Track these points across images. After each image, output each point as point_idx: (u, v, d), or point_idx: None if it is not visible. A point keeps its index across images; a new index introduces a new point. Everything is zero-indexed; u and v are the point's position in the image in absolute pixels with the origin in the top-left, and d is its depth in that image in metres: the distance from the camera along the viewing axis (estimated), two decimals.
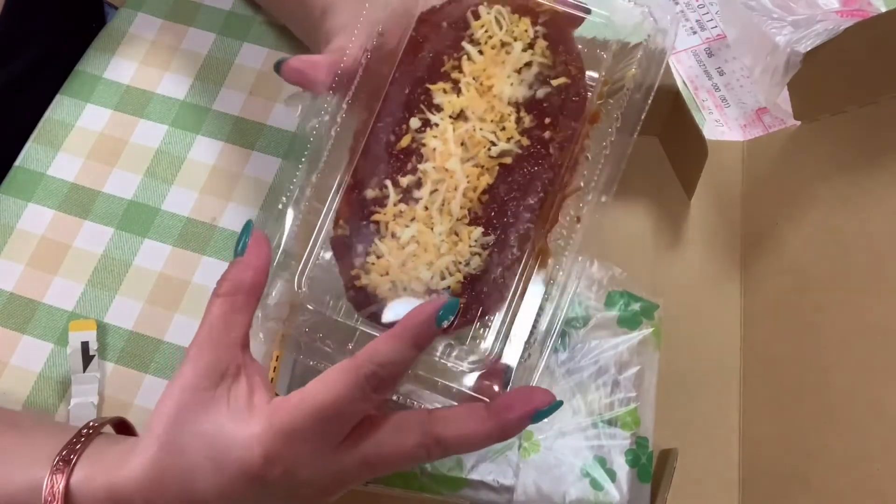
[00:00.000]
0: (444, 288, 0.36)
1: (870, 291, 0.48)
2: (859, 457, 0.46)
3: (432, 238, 0.37)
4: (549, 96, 0.39)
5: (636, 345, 0.53)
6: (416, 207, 0.37)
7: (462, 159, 0.37)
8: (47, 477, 0.37)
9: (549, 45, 0.39)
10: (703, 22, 0.70)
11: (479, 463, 0.51)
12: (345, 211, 0.38)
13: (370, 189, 0.38)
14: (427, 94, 0.39)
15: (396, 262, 0.37)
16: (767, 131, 0.65)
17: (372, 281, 0.37)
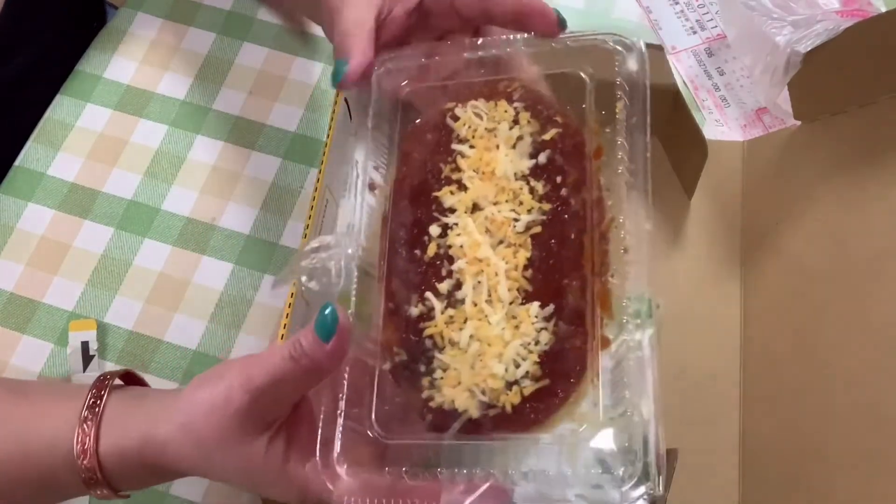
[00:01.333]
0: (522, 376, 0.34)
1: (870, 291, 0.48)
2: (859, 457, 0.46)
3: (492, 330, 0.35)
4: (550, 156, 0.39)
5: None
6: (464, 308, 0.36)
7: (492, 245, 0.37)
8: (75, 439, 0.38)
9: (531, 114, 0.40)
10: (703, 22, 0.70)
11: None
12: (393, 337, 0.37)
13: (413, 307, 0.37)
14: (436, 201, 0.38)
15: (465, 367, 0.35)
16: (767, 131, 0.65)
17: (447, 396, 0.35)
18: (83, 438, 0.38)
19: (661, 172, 0.62)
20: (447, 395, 0.34)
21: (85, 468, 0.38)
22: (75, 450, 0.38)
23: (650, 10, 0.71)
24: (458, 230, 0.37)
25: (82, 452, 0.38)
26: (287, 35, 0.69)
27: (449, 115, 0.41)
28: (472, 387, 0.34)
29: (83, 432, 0.38)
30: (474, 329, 0.35)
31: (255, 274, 0.60)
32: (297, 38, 0.69)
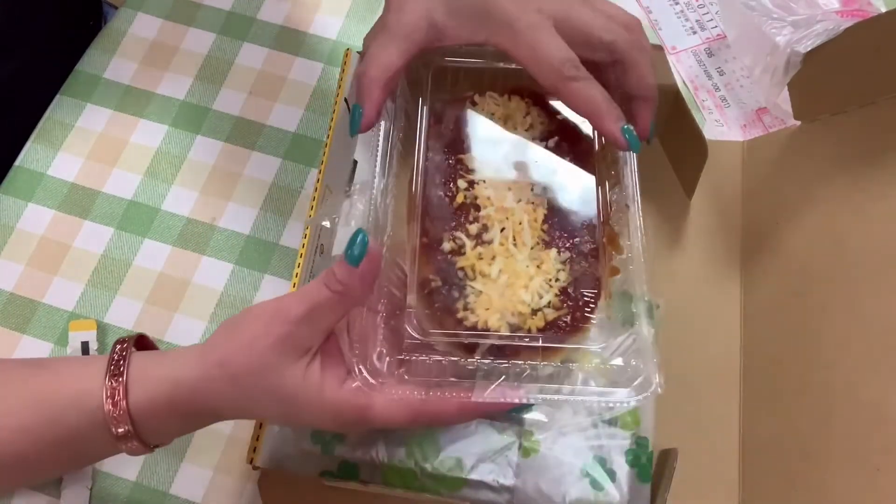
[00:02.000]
0: (545, 304, 0.40)
1: (870, 291, 0.48)
2: (859, 457, 0.46)
3: (518, 265, 0.41)
4: (557, 141, 0.46)
5: None
6: (492, 247, 0.42)
7: (515, 200, 0.43)
8: (104, 397, 0.39)
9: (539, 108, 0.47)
10: (703, 22, 0.70)
11: (479, 463, 0.51)
12: (428, 267, 0.42)
13: (446, 243, 0.42)
14: (461, 162, 0.45)
15: (496, 294, 0.40)
16: (767, 131, 0.65)
17: (480, 317, 0.40)
18: (112, 392, 0.39)
19: (661, 172, 0.62)
20: (480, 315, 0.40)
21: (115, 421, 0.39)
22: (105, 405, 0.39)
23: (650, 10, 0.71)
24: (484, 185, 0.43)
25: (113, 406, 0.39)
26: (287, 35, 0.69)
27: (469, 101, 0.47)
28: (502, 310, 0.40)
29: (111, 386, 0.39)
30: (503, 264, 0.41)
31: (255, 274, 0.60)
32: (296, 39, 0.69)
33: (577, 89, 0.43)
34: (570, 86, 0.43)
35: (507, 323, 0.40)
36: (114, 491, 0.54)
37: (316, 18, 0.70)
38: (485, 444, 0.51)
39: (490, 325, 0.40)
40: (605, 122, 0.44)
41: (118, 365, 0.40)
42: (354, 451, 0.51)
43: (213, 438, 0.56)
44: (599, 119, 0.44)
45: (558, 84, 0.43)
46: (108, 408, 0.39)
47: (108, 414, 0.39)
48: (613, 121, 0.44)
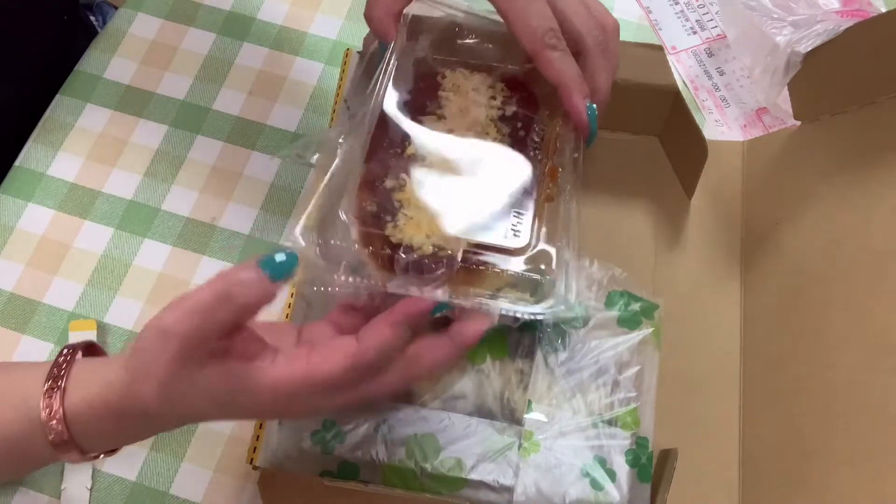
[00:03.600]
0: None
1: (870, 291, 0.48)
2: (859, 457, 0.46)
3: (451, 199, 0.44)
4: (514, 110, 0.49)
5: (636, 345, 0.53)
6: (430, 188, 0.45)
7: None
8: (42, 401, 0.38)
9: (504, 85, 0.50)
10: (703, 22, 0.70)
11: (479, 463, 0.51)
12: (368, 195, 0.45)
13: (389, 180, 0.45)
14: (418, 122, 0.48)
15: (426, 218, 0.43)
16: (767, 131, 0.65)
17: (406, 234, 0.43)
18: (49, 396, 0.38)
19: (661, 172, 0.62)
20: (406, 233, 0.43)
21: (50, 427, 0.38)
22: (41, 411, 0.38)
23: (650, 10, 0.71)
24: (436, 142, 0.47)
25: (48, 411, 0.38)
26: (287, 35, 0.69)
27: (439, 76, 0.51)
28: (428, 232, 0.43)
29: (49, 390, 0.38)
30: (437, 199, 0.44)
31: None
32: (296, 39, 0.69)
33: (554, 58, 0.46)
34: (547, 53, 0.46)
35: (432, 245, 0.42)
36: (114, 491, 0.54)
37: (316, 18, 0.70)
38: (485, 445, 0.51)
39: (414, 243, 0.42)
40: (572, 95, 0.46)
41: (59, 369, 0.39)
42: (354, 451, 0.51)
43: (213, 438, 0.56)
44: (568, 90, 0.46)
45: (538, 48, 0.46)
46: (44, 414, 0.38)
47: (44, 420, 0.38)
48: (580, 96, 0.46)
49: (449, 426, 0.52)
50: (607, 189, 0.62)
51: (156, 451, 0.55)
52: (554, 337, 0.53)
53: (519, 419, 0.52)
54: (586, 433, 0.51)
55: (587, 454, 0.51)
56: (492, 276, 0.43)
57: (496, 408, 0.52)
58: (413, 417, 0.52)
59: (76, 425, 0.38)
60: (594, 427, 0.51)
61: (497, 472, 0.50)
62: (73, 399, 0.38)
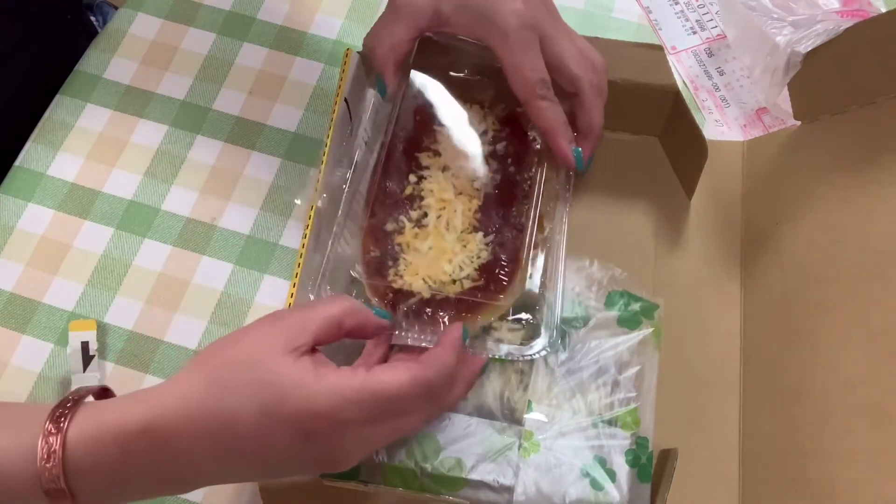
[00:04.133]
0: (464, 276, 0.48)
1: (870, 291, 0.48)
2: (859, 457, 0.46)
3: (447, 244, 0.49)
4: (505, 147, 0.53)
5: (636, 345, 0.53)
6: (427, 229, 0.49)
7: (455, 194, 0.51)
8: (40, 441, 0.35)
9: (495, 119, 0.54)
10: (703, 22, 0.70)
11: (480, 463, 0.51)
12: (371, 242, 0.49)
13: (389, 224, 0.50)
14: (416, 160, 0.52)
15: (423, 264, 0.48)
16: (767, 131, 0.65)
17: (406, 280, 0.47)
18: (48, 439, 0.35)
19: (661, 172, 0.62)
20: (407, 279, 0.47)
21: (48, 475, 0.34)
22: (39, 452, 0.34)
23: (650, 10, 0.71)
24: (431, 180, 0.51)
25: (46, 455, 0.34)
26: (287, 35, 0.69)
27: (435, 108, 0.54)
28: (426, 277, 0.47)
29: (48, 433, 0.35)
30: (433, 242, 0.48)
31: (255, 274, 0.60)
32: (296, 39, 0.69)
33: (543, 108, 0.50)
34: (538, 103, 0.50)
35: (429, 287, 0.47)
36: None
37: (316, 18, 0.70)
38: (485, 445, 0.51)
39: (414, 287, 0.47)
40: (559, 141, 0.51)
41: (65, 406, 0.36)
42: None
43: None
44: (555, 137, 0.51)
45: (529, 98, 0.50)
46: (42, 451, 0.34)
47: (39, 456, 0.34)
48: (566, 141, 0.51)
49: (449, 426, 0.52)
50: (607, 189, 0.62)
51: None
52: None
53: (519, 419, 0.52)
54: (586, 433, 0.51)
55: (587, 454, 0.51)
56: (486, 311, 0.48)
57: (496, 408, 0.52)
58: None
59: (74, 467, 0.35)
60: (594, 427, 0.51)
61: (497, 472, 0.50)
62: (75, 439, 0.35)
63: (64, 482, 0.35)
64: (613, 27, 0.69)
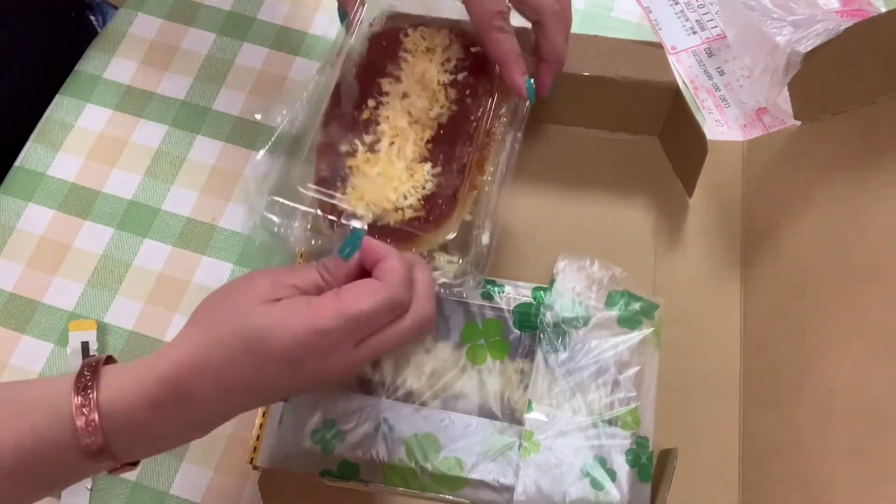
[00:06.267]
0: (407, 206, 0.48)
1: (870, 291, 0.48)
2: (859, 457, 0.46)
3: (395, 172, 0.49)
4: (465, 78, 0.53)
5: (636, 345, 0.53)
6: (379, 155, 0.50)
7: (409, 122, 0.51)
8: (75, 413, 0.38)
9: (461, 46, 0.54)
10: (703, 22, 0.70)
11: (480, 463, 0.51)
12: (323, 161, 0.50)
13: (343, 145, 0.50)
14: (377, 85, 0.52)
15: (369, 189, 0.48)
16: (767, 131, 0.65)
17: (351, 204, 0.48)
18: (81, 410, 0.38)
19: (661, 172, 0.62)
20: (352, 203, 0.48)
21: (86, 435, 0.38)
22: (76, 420, 0.38)
23: (650, 10, 0.71)
24: (388, 108, 0.51)
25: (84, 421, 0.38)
26: (287, 35, 0.69)
27: (402, 33, 0.54)
28: (370, 202, 0.48)
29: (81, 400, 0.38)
30: (383, 168, 0.49)
31: None
32: (296, 39, 0.69)
33: (499, 39, 0.50)
34: (493, 34, 0.50)
35: (371, 212, 0.48)
36: (114, 491, 0.54)
37: (316, 18, 0.70)
38: (485, 444, 0.51)
39: (357, 210, 0.48)
40: (512, 73, 0.51)
41: (86, 378, 0.39)
42: (354, 451, 0.51)
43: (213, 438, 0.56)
44: (508, 68, 0.51)
45: (485, 28, 0.50)
46: (79, 423, 0.38)
47: (80, 429, 0.38)
48: (519, 73, 0.51)
49: (449, 426, 0.52)
50: (607, 189, 0.62)
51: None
52: (554, 337, 0.53)
53: (519, 419, 0.52)
54: (586, 433, 0.51)
55: (587, 454, 0.51)
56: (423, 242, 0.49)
57: (497, 407, 0.52)
58: (413, 417, 0.52)
59: (112, 431, 0.38)
60: (594, 427, 0.51)
61: (497, 471, 0.50)
62: (108, 405, 0.39)
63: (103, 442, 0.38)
64: (613, 27, 0.69)
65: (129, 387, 0.39)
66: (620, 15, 0.70)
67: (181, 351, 0.40)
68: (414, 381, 0.53)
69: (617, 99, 0.59)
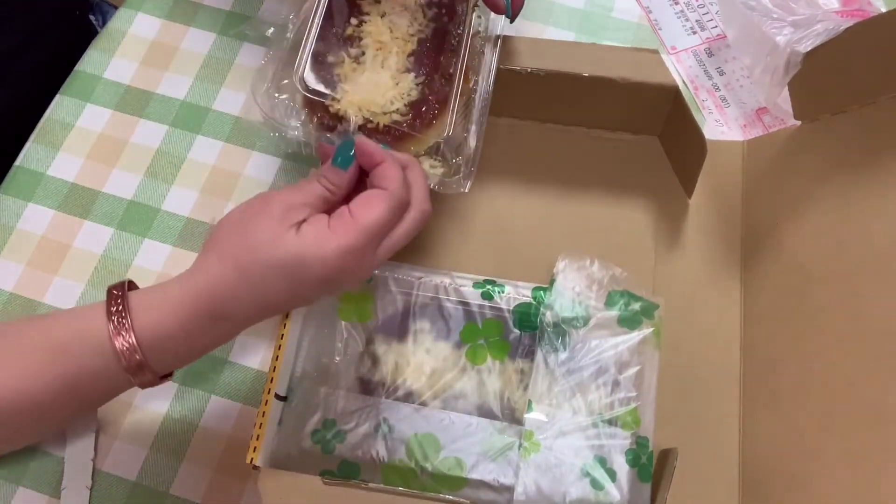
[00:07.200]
0: (394, 110, 0.52)
1: (870, 291, 0.48)
2: (859, 457, 0.46)
3: (381, 79, 0.53)
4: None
5: (636, 344, 0.53)
6: (365, 65, 0.53)
7: (391, 37, 0.54)
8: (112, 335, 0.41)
9: None
10: (703, 22, 0.70)
11: (480, 463, 0.51)
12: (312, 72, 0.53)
13: (331, 56, 0.53)
14: (357, 6, 0.55)
15: (359, 93, 0.52)
16: (767, 131, 0.65)
17: (342, 106, 0.52)
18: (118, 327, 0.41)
19: (661, 172, 0.62)
20: (343, 106, 0.51)
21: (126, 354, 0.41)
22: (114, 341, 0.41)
23: (650, 10, 0.71)
24: (370, 25, 0.55)
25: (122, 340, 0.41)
26: None
27: None
28: (360, 105, 0.52)
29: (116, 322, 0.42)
30: (369, 76, 0.53)
31: None
32: None
33: None
34: None
35: (362, 116, 0.51)
36: (114, 491, 0.54)
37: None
38: (485, 444, 0.51)
39: (348, 113, 0.51)
40: None
41: (116, 302, 0.42)
42: (354, 451, 0.51)
43: (213, 438, 0.56)
44: None
45: None
46: (118, 344, 0.41)
47: (120, 350, 0.41)
48: None
49: (449, 426, 0.52)
50: (607, 189, 0.62)
51: (156, 451, 0.55)
52: (554, 337, 0.53)
53: (519, 419, 0.52)
54: (586, 433, 0.51)
55: (587, 454, 0.51)
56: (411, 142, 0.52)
57: (496, 407, 0.52)
58: (413, 417, 0.52)
59: (149, 350, 0.42)
60: (594, 427, 0.51)
61: (497, 471, 0.50)
62: (141, 323, 0.42)
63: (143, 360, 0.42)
64: (613, 27, 0.69)
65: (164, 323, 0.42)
66: (620, 15, 0.70)
67: (208, 279, 0.43)
68: (414, 381, 0.53)
69: (617, 99, 0.59)
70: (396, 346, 0.54)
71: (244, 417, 0.56)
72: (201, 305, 0.43)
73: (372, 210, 0.44)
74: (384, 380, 0.53)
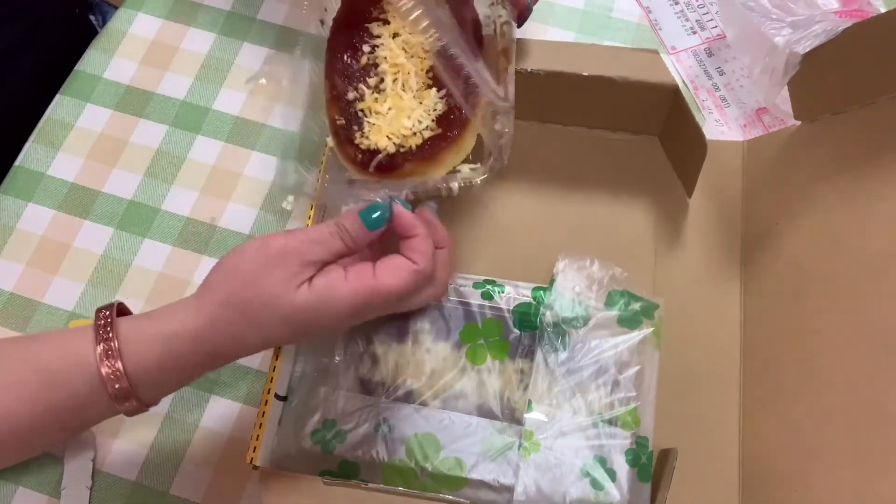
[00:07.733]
0: (424, 128, 0.51)
1: (870, 291, 0.48)
2: (859, 456, 0.46)
3: (404, 103, 0.52)
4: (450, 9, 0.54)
5: (636, 344, 0.53)
6: (386, 93, 0.53)
7: (407, 57, 0.53)
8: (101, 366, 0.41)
9: None
10: (702, 22, 0.70)
11: (480, 463, 0.51)
12: (336, 112, 0.53)
13: (350, 93, 0.53)
14: (367, 31, 0.54)
15: (385, 124, 0.52)
16: (767, 131, 0.65)
17: (373, 140, 0.51)
18: (105, 356, 0.41)
19: (661, 172, 0.62)
20: (373, 139, 0.51)
21: (113, 383, 0.41)
22: (101, 368, 0.40)
23: (650, 10, 0.71)
24: (384, 49, 0.54)
25: (109, 369, 0.41)
26: (287, 35, 0.69)
27: None
28: (389, 134, 0.51)
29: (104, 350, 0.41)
30: (392, 102, 0.52)
31: None
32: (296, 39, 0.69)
33: None
34: None
35: (393, 143, 0.51)
36: (114, 491, 0.54)
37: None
38: (485, 444, 0.51)
39: (379, 145, 0.51)
40: None
41: (105, 329, 0.42)
42: (354, 451, 0.51)
43: (213, 438, 0.56)
44: None
45: None
46: (105, 371, 0.41)
47: (106, 377, 0.41)
48: None
49: (449, 426, 0.52)
50: (607, 189, 0.62)
51: (156, 452, 0.55)
52: (554, 337, 0.53)
53: (519, 419, 0.52)
54: (586, 433, 0.51)
55: (587, 454, 0.51)
56: (448, 156, 0.51)
57: (496, 407, 0.52)
58: (413, 417, 0.52)
59: (137, 381, 0.42)
60: (594, 427, 0.51)
61: (497, 471, 0.50)
62: (131, 355, 0.41)
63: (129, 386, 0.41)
64: (613, 27, 0.69)
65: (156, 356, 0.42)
66: (620, 15, 0.70)
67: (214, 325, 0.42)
68: (414, 381, 0.53)
69: (617, 99, 0.59)
70: (396, 346, 0.54)
71: (244, 417, 0.57)
72: (201, 347, 0.43)
73: (396, 279, 0.45)
74: (384, 380, 0.53)
